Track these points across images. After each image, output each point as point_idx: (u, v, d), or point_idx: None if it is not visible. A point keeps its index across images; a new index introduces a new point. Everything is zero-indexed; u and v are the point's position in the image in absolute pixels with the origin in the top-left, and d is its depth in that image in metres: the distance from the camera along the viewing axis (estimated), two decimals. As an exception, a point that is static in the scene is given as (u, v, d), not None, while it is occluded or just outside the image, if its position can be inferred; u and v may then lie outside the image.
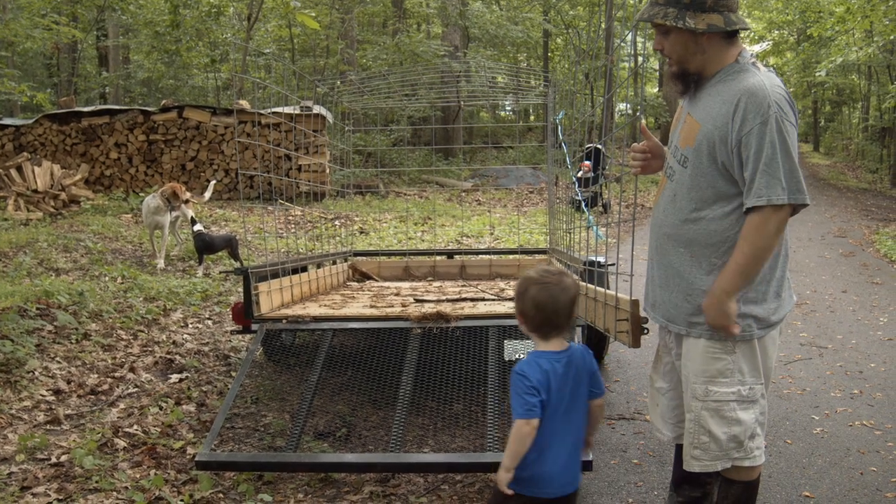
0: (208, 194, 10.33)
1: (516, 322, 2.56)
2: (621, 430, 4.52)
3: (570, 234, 5.46)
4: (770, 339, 2.76)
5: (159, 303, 6.94)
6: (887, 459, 4.05)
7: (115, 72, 23.28)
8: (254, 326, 4.61)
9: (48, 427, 4.34)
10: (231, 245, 8.70)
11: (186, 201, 8.89)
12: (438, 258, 7.31)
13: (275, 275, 4.79)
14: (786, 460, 4.05)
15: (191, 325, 6.58)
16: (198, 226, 8.58)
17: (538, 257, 7.19)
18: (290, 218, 12.50)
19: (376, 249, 8.36)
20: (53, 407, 4.59)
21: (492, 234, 12.28)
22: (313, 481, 3.78)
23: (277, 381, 5.32)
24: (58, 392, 4.80)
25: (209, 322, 6.75)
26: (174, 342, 6.04)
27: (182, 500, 3.53)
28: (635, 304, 2.90)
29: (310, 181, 13.84)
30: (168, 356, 5.64)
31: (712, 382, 2.70)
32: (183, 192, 8.87)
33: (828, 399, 5.04)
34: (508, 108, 34.29)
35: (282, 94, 8.09)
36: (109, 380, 5.09)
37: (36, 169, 12.47)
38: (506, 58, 30.33)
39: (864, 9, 17.11)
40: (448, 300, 5.03)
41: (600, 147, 14.39)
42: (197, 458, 3.49)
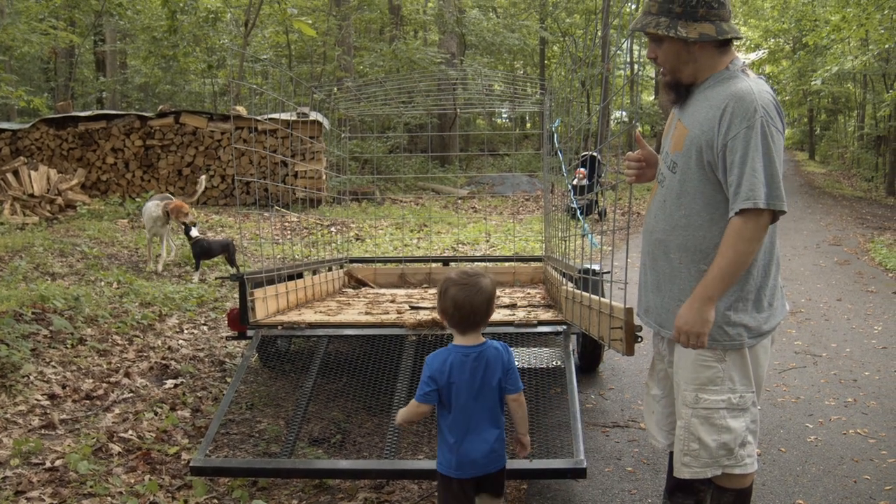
0: (200, 188, 10.20)
1: (511, 330, 2.64)
2: (615, 437, 4.53)
3: (566, 241, 5.47)
4: (762, 347, 2.77)
5: (155, 308, 6.94)
6: (881, 468, 4.06)
7: (112, 77, 23.30)
8: (249, 332, 4.61)
9: (43, 431, 4.34)
10: (228, 251, 8.69)
11: (193, 223, 8.81)
12: (434, 265, 7.32)
13: (270, 281, 4.80)
14: (779, 468, 4.07)
15: (186, 331, 6.58)
16: (195, 231, 8.57)
17: (533, 265, 7.20)
18: (287, 224, 12.51)
19: (372, 256, 8.35)
20: (48, 411, 4.59)
21: (487, 241, 12.29)
22: (308, 487, 3.78)
23: (272, 387, 5.33)
24: (53, 397, 4.80)
25: (205, 328, 6.75)
26: (169, 348, 6.04)
27: (176, 506, 3.53)
28: (629, 312, 2.91)
29: (306, 188, 13.86)
30: (163, 362, 5.64)
31: (702, 390, 2.72)
32: (187, 213, 8.78)
33: (822, 407, 5.06)
34: (505, 115, 34.33)
35: (278, 101, 8.11)
36: (104, 385, 5.09)
37: (32, 173, 12.46)
38: (502, 65, 30.46)
39: (859, 17, 17.20)
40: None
41: (596, 155, 14.42)
42: (191, 464, 3.49)
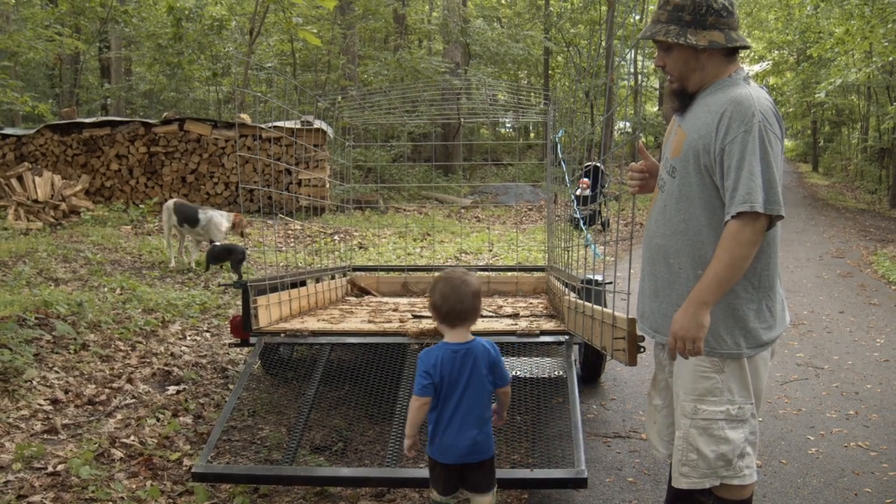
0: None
1: (514, 340, 2.69)
2: (617, 448, 4.53)
3: (569, 252, 5.48)
4: (761, 359, 2.77)
5: (158, 314, 6.96)
6: (882, 480, 4.06)
7: (117, 83, 23.36)
8: (252, 340, 4.62)
9: (45, 436, 4.34)
10: (235, 255, 8.83)
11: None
12: (437, 274, 7.32)
13: (274, 289, 4.81)
14: (780, 480, 4.06)
15: (189, 338, 6.59)
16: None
17: (536, 275, 7.21)
18: (290, 232, 12.53)
19: (375, 265, 8.37)
20: (51, 416, 4.60)
21: (490, 250, 12.31)
22: (309, 495, 3.78)
23: (275, 394, 5.34)
24: (55, 402, 4.81)
25: (207, 334, 6.76)
26: (172, 354, 6.05)
27: (178, 512, 3.54)
28: (632, 322, 2.91)
29: (310, 196, 13.88)
30: (166, 368, 5.65)
31: (701, 401, 2.72)
32: (247, 225, 9.99)
33: (823, 420, 5.05)
34: (508, 125, 34.40)
35: (283, 109, 8.14)
36: (107, 390, 5.10)
37: (37, 179, 12.51)
38: (506, 75, 30.51)
39: (863, 30, 17.23)
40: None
41: (599, 165, 14.44)
42: (193, 470, 3.50)
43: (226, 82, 21.83)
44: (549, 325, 4.67)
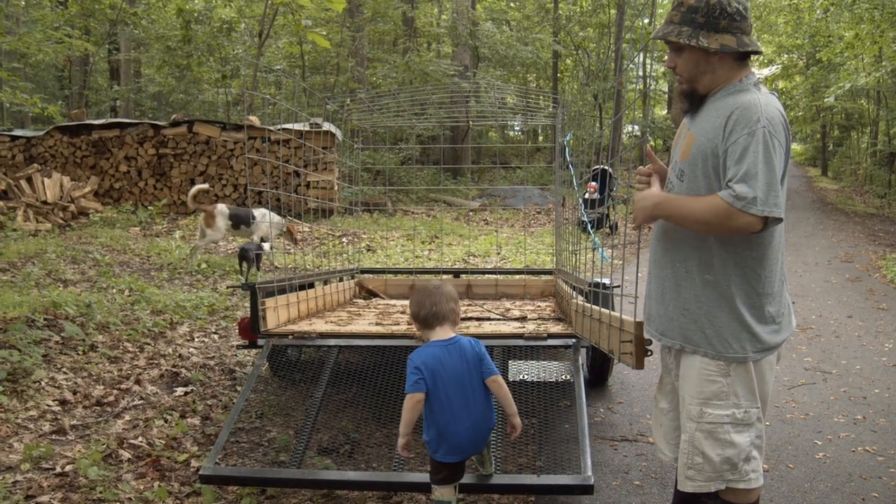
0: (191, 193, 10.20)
1: (521, 343, 2.73)
2: (623, 451, 4.53)
3: (577, 255, 5.48)
4: (767, 363, 2.77)
5: (166, 316, 6.98)
6: (889, 485, 4.04)
7: (126, 85, 23.46)
8: (260, 341, 4.62)
9: (53, 437, 4.36)
10: (247, 257, 8.94)
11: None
12: (445, 277, 7.33)
13: (282, 291, 4.82)
14: (787, 484, 4.05)
15: (197, 339, 6.61)
16: (267, 246, 9.70)
17: (544, 278, 7.21)
18: (298, 234, 12.55)
19: (383, 267, 8.37)
20: (59, 417, 4.62)
21: (498, 253, 12.30)
22: (316, 497, 3.79)
23: (282, 396, 5.35)
24: (63, 402, 4.83)
25: (215, 336, 6.78)
26: (180, 355, 6.07)
27: (185, 513, 3.55)
28: (639, 325, 2.91)
29: (318, 198, 13.91)
30: (174, 369, 5.66)
31: (707, 404, 2.72)
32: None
33: (831, 424, 5.04)
34: (517, 128, 34.41)
35: (292, 111, 8.15)
36: (115, 391, 5.12)
37: (46, 180, 12.56)
38: (515, 78, 30.51)
39: (873, 34, 17.20)
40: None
41: (608, 168, 14.42)
42: (201, 472, 3.50)
43: (235, 84, 21.91)
44: (556, 328, 4.67)
